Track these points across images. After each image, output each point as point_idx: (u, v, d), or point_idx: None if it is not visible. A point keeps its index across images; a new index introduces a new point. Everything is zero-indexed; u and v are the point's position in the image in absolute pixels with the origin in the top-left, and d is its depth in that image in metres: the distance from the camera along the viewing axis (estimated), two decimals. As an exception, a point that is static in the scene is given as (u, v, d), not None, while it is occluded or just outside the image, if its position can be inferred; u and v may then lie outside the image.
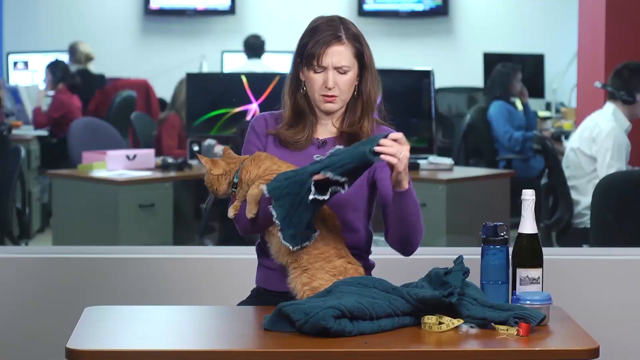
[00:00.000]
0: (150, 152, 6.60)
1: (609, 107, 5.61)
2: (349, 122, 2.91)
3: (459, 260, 2.61)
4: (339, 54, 2.85)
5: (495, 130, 7.89)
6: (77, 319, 2.64)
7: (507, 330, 2.50)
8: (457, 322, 2.53)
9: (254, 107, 6.66)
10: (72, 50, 9.29)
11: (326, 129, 2.94)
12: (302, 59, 2.87)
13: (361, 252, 2.91)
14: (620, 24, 6.50)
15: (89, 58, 9.27)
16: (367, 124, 2.90)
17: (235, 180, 2.82)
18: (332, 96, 2.86)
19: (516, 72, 8.10)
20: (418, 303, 2.55)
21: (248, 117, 6.53)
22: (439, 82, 7.41)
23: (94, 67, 9.35)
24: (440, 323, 2.53)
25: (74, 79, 8.66)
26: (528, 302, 2.58)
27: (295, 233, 2.68)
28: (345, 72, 2.86)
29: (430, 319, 2.54)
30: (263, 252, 2.92)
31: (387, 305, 2.53)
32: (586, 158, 5.60)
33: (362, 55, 2.88)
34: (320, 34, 2.85)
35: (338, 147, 2.70)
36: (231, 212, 2.84)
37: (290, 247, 2.69)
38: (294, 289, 2.74)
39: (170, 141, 7.09)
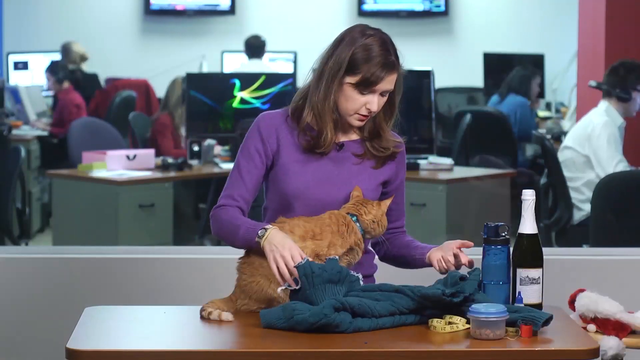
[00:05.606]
0: (150, 152, 6.60)
1: (603, 104, 5.63)
2: (372, 126, 2.83)
3: (475, 272, 2.63)
4: (391, 81, 2.78)
5: (522, 122, 7.85)
6: (77, 319, 2.64)
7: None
8: (467, 325, 2.52)
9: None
10: (66, 50, 9.28)
11: (343, 131, 2.86)
12: (349, 76, 2.75)
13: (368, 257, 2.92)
14: (620, 24, 6.49)
15: (83, 58, 9.26)
16: (389, 126, 2.84)
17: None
18: (367, 115, 2.79)
19: (536, 76, 8.13)
20: (421, 299, 2.55)
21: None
22: (439, 82, 7.40)
23: (86, 67, 9.35)
24: (450, 323, 2.53)
25: (76, 75, 8.65)
26: (483, 315, 2.47)
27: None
28: (387, 94, 2.80)
29: (439, 322, 2.53)
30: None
31: (390, 304, 2.54)
32: (583, 157, 5.60)
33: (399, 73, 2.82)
34: (376, 60, 2.75)
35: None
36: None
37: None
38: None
39: (165, 141, 7.07)
